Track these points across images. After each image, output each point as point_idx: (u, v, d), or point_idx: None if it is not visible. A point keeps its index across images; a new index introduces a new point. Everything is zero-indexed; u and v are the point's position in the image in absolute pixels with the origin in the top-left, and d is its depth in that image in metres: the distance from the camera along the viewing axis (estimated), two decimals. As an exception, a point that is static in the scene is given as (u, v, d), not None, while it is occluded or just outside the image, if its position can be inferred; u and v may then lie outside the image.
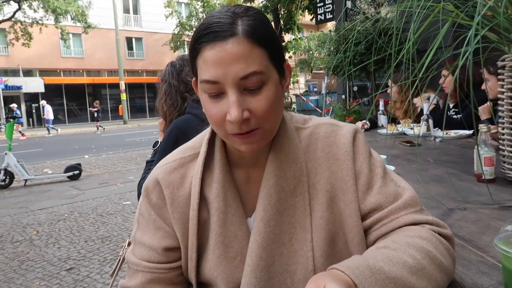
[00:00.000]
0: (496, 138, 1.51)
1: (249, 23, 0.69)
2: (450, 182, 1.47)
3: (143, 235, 0.85)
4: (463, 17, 1.30)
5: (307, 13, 12.51)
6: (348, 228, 0.77)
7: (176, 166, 0.84)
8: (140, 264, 0.83)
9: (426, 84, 1.51)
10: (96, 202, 5.53)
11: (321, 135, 0.82)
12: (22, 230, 4.45)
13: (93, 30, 22.41)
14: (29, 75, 24.99)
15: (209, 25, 0.68)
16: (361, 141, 0.81)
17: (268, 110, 0.70)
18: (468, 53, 1.01)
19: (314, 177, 0.80)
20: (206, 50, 0.68)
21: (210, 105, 0.71)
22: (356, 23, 1.99)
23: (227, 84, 0.67)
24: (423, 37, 1.35)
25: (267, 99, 0.70)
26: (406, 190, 0.78)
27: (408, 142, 2.48)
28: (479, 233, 0.99)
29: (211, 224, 0.80)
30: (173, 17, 25.82)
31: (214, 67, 0.67)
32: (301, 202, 0.78)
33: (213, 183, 0.80)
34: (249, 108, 0.69)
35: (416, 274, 0.64)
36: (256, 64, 0.68)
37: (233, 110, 0.67)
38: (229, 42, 0.66)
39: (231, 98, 0.68)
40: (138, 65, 29.11)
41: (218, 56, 0.66)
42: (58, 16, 21.13)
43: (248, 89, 0.69)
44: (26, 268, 3.40)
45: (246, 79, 0.67)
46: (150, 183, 0.84)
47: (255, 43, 0.68)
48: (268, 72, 0.70)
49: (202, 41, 0.68)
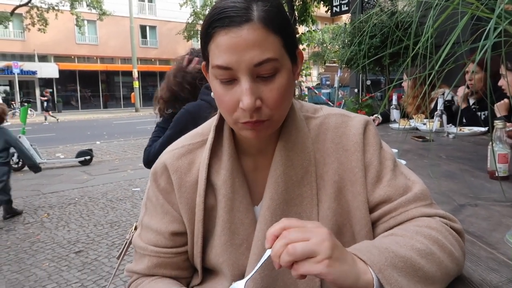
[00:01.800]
0: (511, 136, 1.48)
1: (264, 8, 0.67)
2: (462, 178, 1.44)
3: (150, 219, 0.85)
4: (483, 9, 1.27)
5: (322, 5, 12.37)
6: (356, 219, 0.76)
7: (184, 152, 0.84)
8: (147, 248, 0.83)
9: (441, 79, 1.48)
10: (106, 187, 5.60)
11: (331, 125, 0.81)
12: (33, 212, 4.53)
13: (108, 17, 22.49)
14: (44, 61, 25.24)
15: (224, 9, 0.66)
16: (372, 132, 0.80)
17: (280, 99, 0.69)
18: (486, 46, 0.98)
19: (322, 167, 0.79)
20: (220, 35, 0.66)
21: (221, 92, 0.70)
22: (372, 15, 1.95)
23: (240, 71, 0.66)
24: (440, 29, 1.32)
25: (279, 87, 0.68)
26: (416, 183, 0.77)
27: (420, 137, 2.44)
28: (490, 229, 0.97)
29: (218, 210, 0.80)
30: (188, 6, 25.76)
31: (228, 53, 0.65)
32: (308, 192, 0.77)
33: (221, 170, 0.80)
34: (261, 97, 0.68)
35: (425, 258, 0.63)
36: (270, 51, 0.66)
37: (246, 98, 0.66)
38: (244, 28, 0.65)
39: (244, 85, 0.66)
40: (152, 54, 29.18)
41: (232, 42, 0.65)
42: (74, 2, 21.25)
43: (261, 77, 0.68)
44: (36, 249, 3.46)
45: (260, 66, 0.66)
46: (159, 168, 0.84)
47: (270, 29, 0.66)
48: (281, 59, 0.69)
49: (216, 25, 0.66)
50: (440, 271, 0.64)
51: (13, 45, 24.27)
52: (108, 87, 29.12)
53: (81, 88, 27.56)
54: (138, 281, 0.85)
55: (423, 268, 0.62)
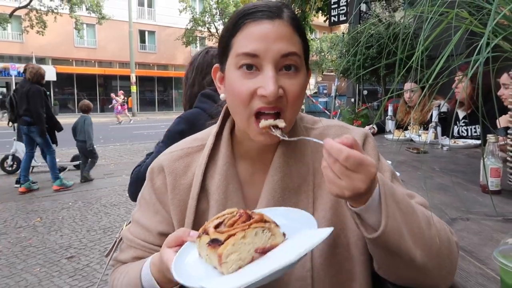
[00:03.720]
0: (504, 150, 1.48)
1: (292, 13, 0.75)
2: (454, 192, 1.45)
3: (141, 216, 0.88)
4: (477, 24, 1.28)
5: (321, 14, 12.45)
6: (352, 230, 0.77)
7: (182, 155, 0.86)
8: (134, 241, 0.87)
9: (435, 91, 1.49)
10: (101, 192, 5.56)
11: (330, 136, 0.81)
12: (26, 216, 4.49)
13: (107, 21, 22.55)
14: (42, 63, 25.11)
15: (256, 6, 0.73)
16: (371, 145, 0.83)
17: (298, 96, 0.74)
18: (479, 62, 0.99)
19: (320, 177, 0.80)
20: (251, 26, 0.71)
21: (241, 81, 0.72)
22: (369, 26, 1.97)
23: (266, 59, 0.70)
24: (435, 43, 1.33)
25: (299, 84, 0.73)
26: (415, 194, 0.80)
27: (415, 149, 2.45)
28: (480, 244, 0.97)
29: (210, 216, 0.80)
30: (187, 12, 25.88)
31: (257, 41, 0.70)
32: (305, 201, 0.78)
33: (216, 175, 0.81)
34: (283, 87, 0.71)
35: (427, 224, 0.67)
36: (296, 46, 0.73)
37: (270, 84, 0.69)
38: (275, 22, 0.71)
39: (269, 73, 0.70)
40: (150, 59, 29.21)
41: (264, 32, 0.70)
42: (73, 6, 21.29)
43: (284, 70, 0.72)
44: (27, 254, 3.43)
45: (286, 57, 0.71)
46: (156, 168, 0.86)
47: (296, 30, 0.74)
48: (302, 61, 0.74)
49: (248, 18, 0.72)
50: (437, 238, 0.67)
51: (11, 47, 24.23)
52: (105, 91, 29.03)
53: (78, 92, 27.50)
54: (119, 268, 0.89)
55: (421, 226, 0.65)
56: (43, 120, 5.35)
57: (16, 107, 5.37)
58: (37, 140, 5.54)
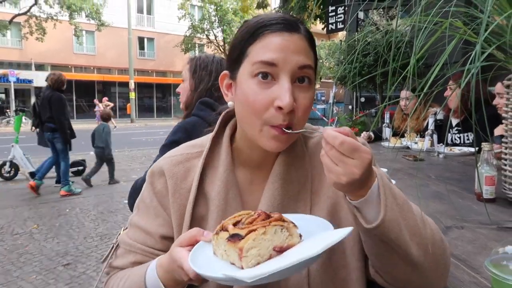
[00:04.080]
0: (499, 158, 1.49)
1: (307, 28, 0.77)
2: (449, 200, 1.45)
3: (141, 219, 0.87)
4: (470, 34, 1.30)
5: (319, 22, 12.51)
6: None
7: (182, 160, 0.86)
8: (133, 245, 0.85)
9: (431, 99, 1.50)
10: (98, 199, 5.55)
11: None
12: (22, 222, 4.47)
13: (106, 28, 22.64)
14: (41, 70, 25.22)
15: (275, 18, 0.75)
16: None
17: (308, 109, 0.75)
18: (473, 71, 1.00)
19: (317, 183, 0.82)
20: (271, 36, 0.73)
21: (256, 90, 0.73)
22: (366, 34, 1.99)
23: (283, 70, 0.72)
24: (431, 51, 1.34)
25: (310, 97, 0.75)
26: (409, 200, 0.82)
27: (411, 156, 2.46)
28: (474, 253, 0.97)
29: (209, 221, 0.81)
30: (186, 19, 26.00)
31: (277, 51, 0.71)
32: (303, 208, 0.80)
33: (216, 181, 0.81)
34: (295, 99, 0.72)
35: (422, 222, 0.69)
36: (311, 60, 0.75)
37: (286, 96, 0.70)
38: (294, 35, 0.73)
39: (285, 84, 0.71)
40: (149, 65, 29.28)
41: (284, 43, 0.72)
42: (73, 13, 21.39)
43: (298, 83, 0.73)
44: (24, 261, 3.41)
45: (302, 70, 0.73)
46: (156, 171, 0.86)
47: (310, 45, 0.76)
48: (313, 74, 0.76)
49: (267, 29, 0.73)
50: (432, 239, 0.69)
51: (10, 53, 24.28)
52: (104, 97, 29.10)
53: (77, 98, 27.52)
54: (117, 274, 0.87)
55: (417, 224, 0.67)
56: (65, 127, 5.50)
57: (39, 113, 5.59)
58: (57, 146, 5.67)
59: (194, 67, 1.88)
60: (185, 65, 1.93)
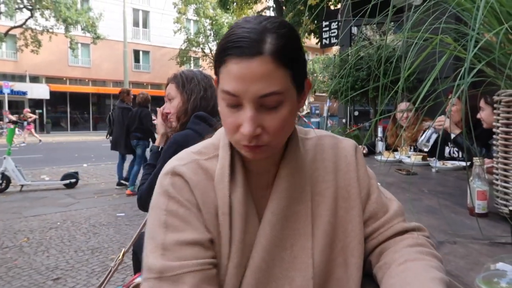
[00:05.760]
0: (491, 172, 1.50)
1: (277, 42, 0.68)
2: (442, 214, 1.45)
3: (180, 234, 0.74)
4: (460, 50, 1.31)
5: (313, 37, 12.67)
6: (347, 232, 0.82)
7: (199, 166, 0.80)
8: (186, 265, 0.70)
9: (423, 113, 1.51)
10: (90, 211, 5.49)
11: (326, 146, 0.88)
12: (12, 236, 4.40)
13: (102, 41, 22.71)
14: (36, 82, 25.20)
15: (238, 39, 0.68)
16: (360, 154, 0.89)
17: (281, 128, 0.72)
18: (462, 87, 1.01)
19: (321, 184, 0.83)
20: (231, 63, 0.68)
21: (226, 113, 0.72)
22: (358, 48, 2.01)
23: (245, 99, 0.69)
24: (422, 67, 1.36)
25: (281, 118, 0.71)
26: (393, 200, 0.89)
27: (404, 170, 2.46)
28: (467, 269, 0.97)
29: (234, 229, 0.77)
30: (181, 33, 26.20)
31: (236, 81, 0.68)
32: (304, 210, 0.80)
33: (237, 188, 0.78)
34: (262, 125, 0.70)
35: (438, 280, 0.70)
36: (277, 84, 0.68)
37: (247, 126, 0.69)
38: (254, 61, 0.67)
39: (248, 113, 0.69)
40: (144, 78, 29.34)
41: (242, 72, 0.67)
42: (69, 26, 21.46)
43: (265, 107, 0.70)
44: (12, 275, 3.34)
45: (265, 98, 0.68)
46: (177, 181, 0.78)
47: (280, 63, 0.68)
48: (288, 92, 0.71)
49: (229, 52, 0.69)
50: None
51: (5, 65, 24.24)
52: (98, 110, 29.03)
53: (71, 110, 27.45)
54: None
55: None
56: (153, 135, 6.47)
57: (112, 124, 6.97)
58: (138, 151, 6.74)
59: (181, 82, 1.90)
60: (169, 85, 1.94)
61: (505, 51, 1.27)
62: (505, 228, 1.26)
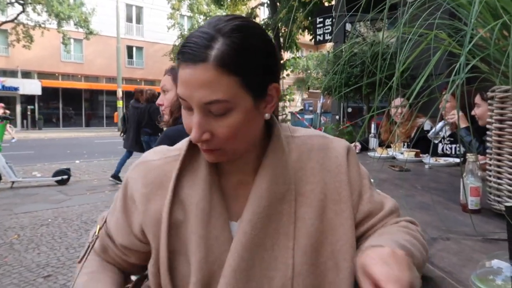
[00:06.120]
0: (484, 169, 1.49)
1: (225, 48, 0.67)
2: (435, 210, 1.45)
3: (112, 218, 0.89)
4: (455, 45, 1.31)
5: (307, 33, 12.66)
6: (337, 236, 0.79)
7: (159, 164, 0.84)
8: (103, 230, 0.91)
9: (417, 109, 1.50)
10: (82, 208, 5.44)
11: (314, 146, 0.85)
12: (3, 233, 4.35)
13: (95, 36, 22.50)
14: (28, 77, 24.92)
15: (187, 43, 0.69)
16: (353, 154, 0.86)
17: (232, 136, 0.71)
18: (457, 82, 1.00)
19: (305, 186, 0.81)
20: (181, 68, 0.70)
21: (184, 115, 0.75)
22: (352, 45, 2.00)
23: (193, 104, 0.70)
24: (416, 63, 1.35)
25: (230, 125, 0.70)
26: (387, 198, 0.90)
27: (397, 167, 2.46)
28: (460, 265, 0.96)
29: (189, 227, 0.78)
30: (175, 28, 26.03)
31: (184, 86, 0.69)
32: (287, 209, 0.78)
33: (197, 185, 0.79)
34: (211, 131, 0.71)
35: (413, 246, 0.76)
36: (220, 92, 0.67)
37: (194, 131, 0.70)
38: (198, 68, 0.67)
39: (194, 118, 0.70)
40: (137, 74, 29.15)
41: (187, 78, 0.68)
42: (61, 21, 21.21)
43: (213, 113, 0.70)
44: (2, 272, 3.30)
45: (210, 105, 0.68)
46: (133, 176, 0.85)
47: (224, 71, 0.66)
48: (235, 99, 0.69)
49: (179, 57, 0.70)
50: (421, 258, 0.76)
51: (-4, 60, 23.95)
52: (91, 106, 28.82)
53: (64, 106, 27.21)
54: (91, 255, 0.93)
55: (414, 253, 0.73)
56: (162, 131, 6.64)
57: (127, 121, 7.00)
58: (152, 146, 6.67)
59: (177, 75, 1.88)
60: (165, 77, 1.92)
61: (500, 47, 1.27)
62: (498, 224, 1.26)
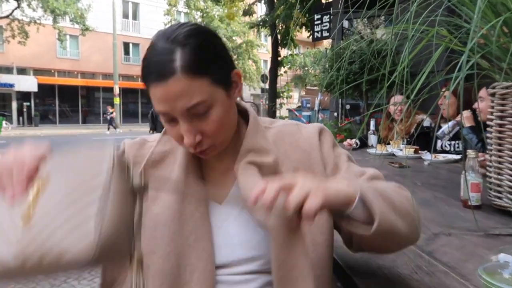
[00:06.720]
0: (484, 166, 1.51)
1: (186, 57, 0.70)
2: (436, 206, 1.46)
3: None
4: (456, 42, 1.31)
5: (304, 30, 12.65)
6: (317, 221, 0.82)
7: (139, 142, 0.91)
8: None
9: (417, 106, 1.51)
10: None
11: (287, 132, 0.90)
12: (1, 230, 4.34)
13: (91, 32, 22.36)
14: (23, 74, 24.76)
15: (150, 65, 0.72)
16: (326, 133, 0.91)
17: (219, 128, 0.76)
18: (459, 79, 1.01)
19: (285, 167, 0.84)
20: (152, 88, 0.72)
21: (168, 128, 0.78)
22: (351, 42, 2.00)
23: (176, 114, 0.73)
24: (416, 60, 1.36)
25: (215, 119, 0.75)
26: (370, 168, 0.89)
27: (397, 163, 2.48)
28: (462, 260, 0.97)
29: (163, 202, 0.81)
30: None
31: (162, 103, 0.72)
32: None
33: (175, 166, 0.83)
34: (201, 131, 0.75)
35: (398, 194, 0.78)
36: (198, 95, 0.71)
37: (186, 138, 0.74)
38: (169, 82, 0.69)
39: (182, 126, 0.74)
40: (134, 70, 29.01)
41: (163, 94, 0.71)
42: (57, 17, 21.07)
43: (196, 115, 0.73)
44: (2, 270, 3.30)
45: (192, 109, 0.72)
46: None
47: (194, 76, 0.70)
48: (212, 96, 0.73)
49: (147, 79, 0.73)
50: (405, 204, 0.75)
51: (-9, 57, 23.79)
52: (88, 102, 28.70)
53: (60, 103, 27.09)
54: None
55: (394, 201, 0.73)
56: None
57: (155, 118, 7.37)
58: None
59: None
60: None
61: (501, 44, 1.28)
62: (499, 220, 1.28)
